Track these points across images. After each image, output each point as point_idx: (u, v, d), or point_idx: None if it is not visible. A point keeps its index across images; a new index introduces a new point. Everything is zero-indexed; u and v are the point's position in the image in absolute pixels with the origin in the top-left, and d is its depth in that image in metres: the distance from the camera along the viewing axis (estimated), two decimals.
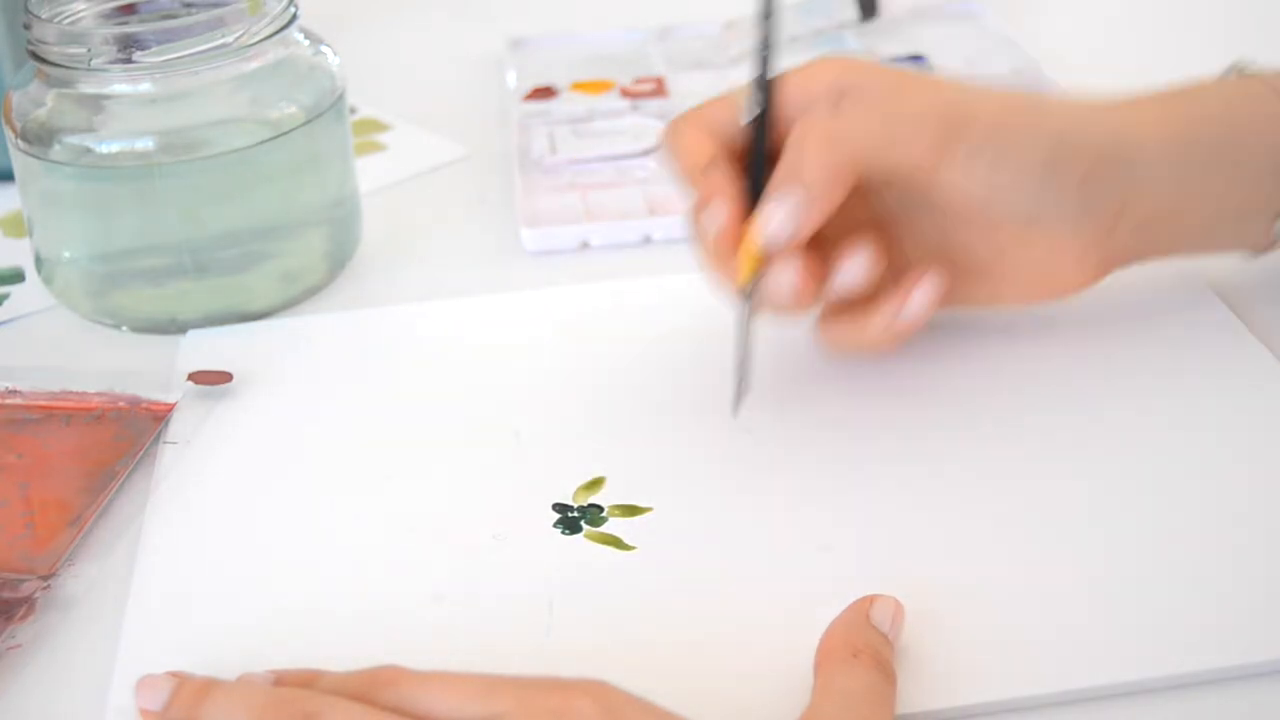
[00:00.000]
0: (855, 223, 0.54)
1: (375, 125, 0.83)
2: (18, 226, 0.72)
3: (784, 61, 0.53)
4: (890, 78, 0.54)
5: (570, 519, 0.52)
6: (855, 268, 0.52)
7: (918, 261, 0.55)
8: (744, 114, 0.53)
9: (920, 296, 0.53)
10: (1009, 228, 0.54)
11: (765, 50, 0.53)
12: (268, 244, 0.65)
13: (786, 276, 0.51)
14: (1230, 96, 0.57)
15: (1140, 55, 0.88)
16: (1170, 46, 0.89)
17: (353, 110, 0.83)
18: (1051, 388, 0.56)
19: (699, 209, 0.53)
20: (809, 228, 0.51)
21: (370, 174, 0.75)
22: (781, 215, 0.50)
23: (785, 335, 0.60)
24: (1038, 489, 0.51)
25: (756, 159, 0.53)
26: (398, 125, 0.83)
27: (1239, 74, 0.59)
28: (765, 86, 0.53)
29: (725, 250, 0.52)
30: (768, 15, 0.53)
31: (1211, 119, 0.56)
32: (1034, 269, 0.55)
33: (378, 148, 0.80)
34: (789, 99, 0.53)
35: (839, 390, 0.57)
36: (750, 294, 0.51)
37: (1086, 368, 0.57)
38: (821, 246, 0.53)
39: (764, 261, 0.51)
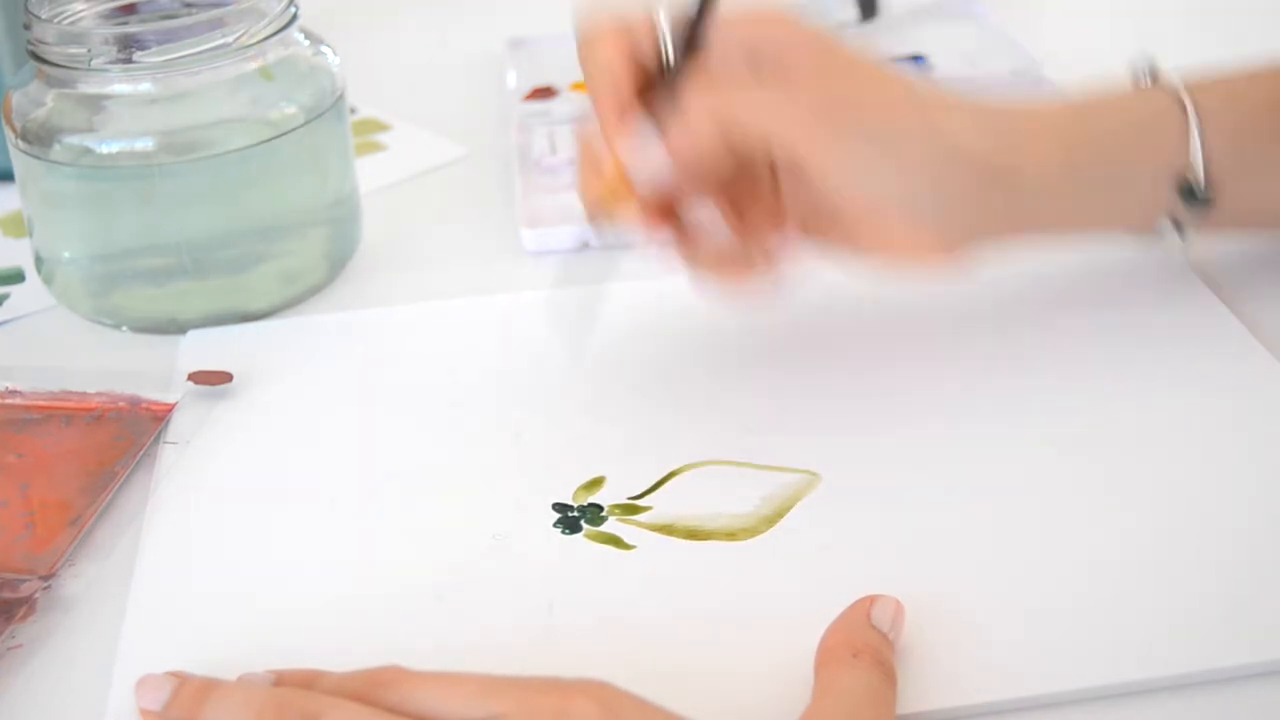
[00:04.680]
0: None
1: (375, 125, 0.83)
2: (18, 226, 0.72)
3: None
4: (801, 53, 0.52)
5: (570, 519, 0.52)
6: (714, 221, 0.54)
7: (769, 201, 0.55)
8: (662, 40, 0.53)
9: (787, 252, 0.55)
10: (887, 221, 0.53)
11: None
12: (268, 244, 0.65)
13: (652, 219, 0.53)
14: (1131, 113, 0.56)
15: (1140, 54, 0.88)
16: (1170, 46, 0.89)
17: (353, 110, 0.83)
18: (1050, 388, 0.56)
19: (613, 138, 0.52)
20: (684, 173, 0.51)
21: (370, 174, 0.75)
22: (649, 167, 0.51)
23: (787, 336, 0.60)
24: (1038, 489, 0.51)
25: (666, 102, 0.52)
26: (398, 125, 0.83)
27: (1151, 78, 0.58)
28: (690, 37, 0.52)
29: (594, 172, 0.53)
30: None
31: (1103, 140, 0.55)
32: (899, 246, 0.54)
33: (378, 148, 0.80)
34: (711, 42, 0.52)
35: (838, 391, 0.57)
36: (599, 220, 0.53)
37: (1085, 369, 0.57)
38: None
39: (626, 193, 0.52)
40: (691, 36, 0.52)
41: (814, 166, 0.51)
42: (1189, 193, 0.56)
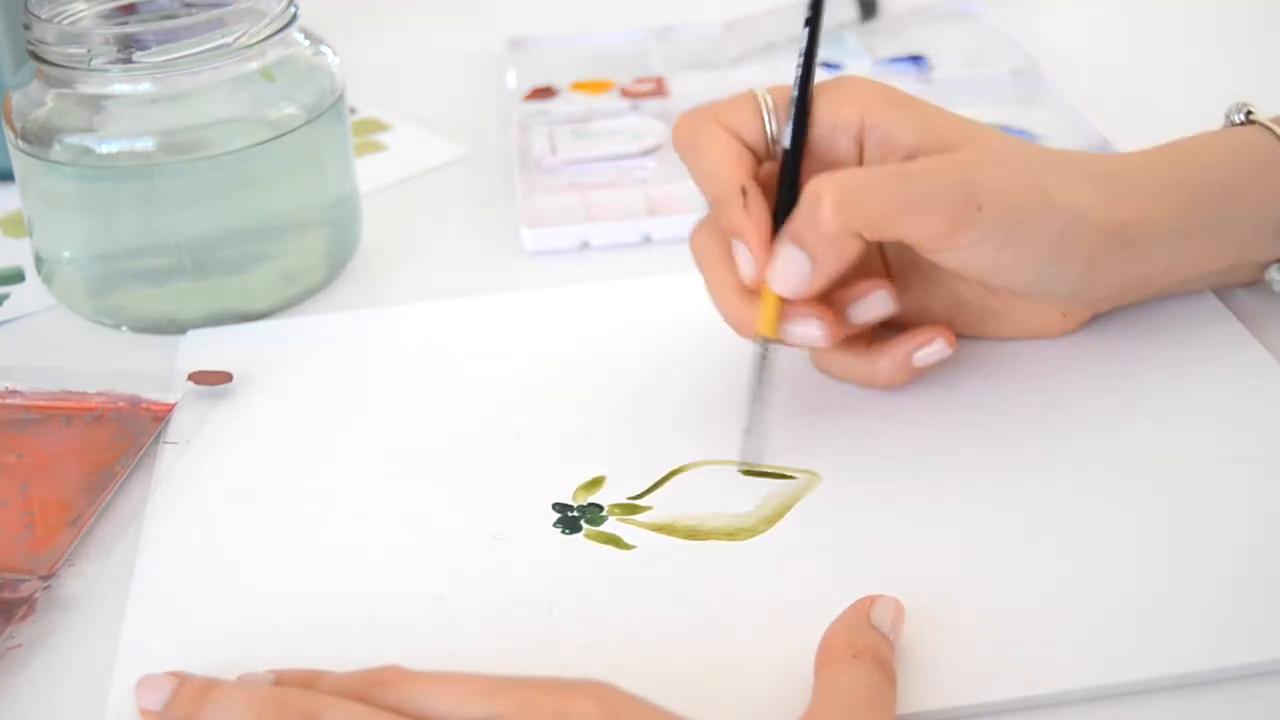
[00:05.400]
0: (861, 258, 0.55)
1: (375, 125, 0.83)
2: (18, 226, 0.72)
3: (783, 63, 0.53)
4: (914, 127, 0.53)
5: (570, 519, 0.52)
6: (875, 306, 0.54)
7: (911, 297, 0.56)
8: (768, 122, 0.54)
9: (935, 350, 0.55)
10: (1004, 291, 0.56)
11: (805, 83, 0.53)
12: (267, 244, 0.65)
13: (810, 329, 0.52)
14: (1233, 154, 0.57)
15: (1139, 55, 0.88)
16: (1169, 46, 0.89)
17: (353, 110, 0.83)
18: (1051, 389, 0.56)
19: (733, 234, 0.52)
20: (819, 287, 0.51)
21: (370, 174, 0.75)
22: (794, 274, 0.51)
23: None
24: (1038, 489, 0.51)
25: (784, 193, 0.53)
26: (398, 125, 0.83)
27: (1245, 117, 0.58)
28: (802, 121, 0.53)
29: (748, 292, 0.52)
30: (810, 53, 0.54)
31: (1213, 186, 0.56)
32: (1022, 319, 0.58)
33: (378, 148, 0.80)
34: (816, 121, 0.54)
35: (839, 391, 0.57)
36: (767, 342, 0.52)
37: (1086, 369, 0.57)
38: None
39: (781, 306, 0.52)
40: (798, 122, 0.53)
41: (942, 256, 0.53)
42: None
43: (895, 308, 0.54)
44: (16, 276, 0.70)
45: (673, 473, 0.53)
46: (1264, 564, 0.48)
